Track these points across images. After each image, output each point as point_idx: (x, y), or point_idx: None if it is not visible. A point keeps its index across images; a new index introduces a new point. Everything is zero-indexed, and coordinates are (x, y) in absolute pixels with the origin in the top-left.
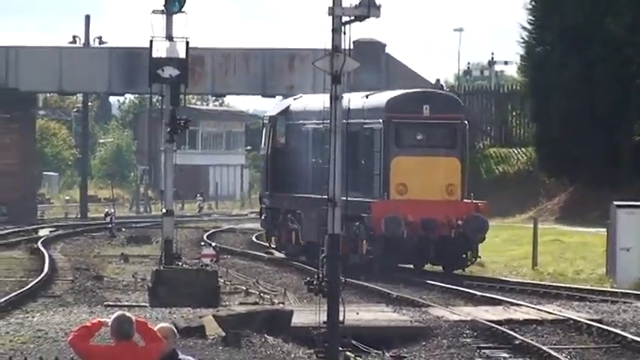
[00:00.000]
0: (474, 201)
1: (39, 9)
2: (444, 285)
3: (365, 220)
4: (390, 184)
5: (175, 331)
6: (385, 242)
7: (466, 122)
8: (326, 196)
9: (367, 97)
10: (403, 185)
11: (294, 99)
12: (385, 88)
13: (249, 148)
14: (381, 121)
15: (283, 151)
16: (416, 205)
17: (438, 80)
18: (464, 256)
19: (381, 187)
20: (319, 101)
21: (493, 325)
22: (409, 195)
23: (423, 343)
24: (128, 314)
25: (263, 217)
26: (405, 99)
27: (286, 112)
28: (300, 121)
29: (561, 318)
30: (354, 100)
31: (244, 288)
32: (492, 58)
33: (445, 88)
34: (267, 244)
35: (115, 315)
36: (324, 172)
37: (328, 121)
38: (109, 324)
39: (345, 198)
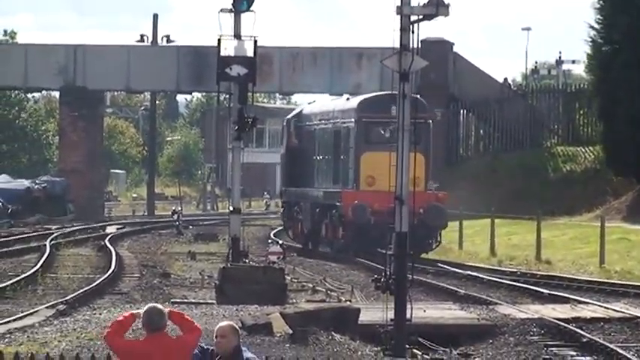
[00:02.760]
0: (435, 192)
1: (107, 8)
2: (511, 283)
3: (338, 208)
4: (360, 177)
5: (237, 327)
6: (354, 228)
7: (430, 122)
8: (318, 188)
9: (348, 99)
10: (372, 177)
11: (309, 103)
12: (453, 86)
13: None
14: (353, 120)
15: (294, 150)
16: (382, 195)
17: (505, 79)
18: (429, 242)
19: (353, 179)
20: (326, 105)
21: (560, 323)
22: (377, 187)
23: (490, 341)
24: (159, 306)
25: (282, 211)
26: (374, 100)
27: (299, 115)
28: (308, 123)
29: (629, 316)
30: (339, 102)
31: (311, 285)
32: (560, 57)
33: (513, 87)
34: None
35: (146, 307)
36: (321, 166)
37: (328, 121)
38: (141, 316)
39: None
